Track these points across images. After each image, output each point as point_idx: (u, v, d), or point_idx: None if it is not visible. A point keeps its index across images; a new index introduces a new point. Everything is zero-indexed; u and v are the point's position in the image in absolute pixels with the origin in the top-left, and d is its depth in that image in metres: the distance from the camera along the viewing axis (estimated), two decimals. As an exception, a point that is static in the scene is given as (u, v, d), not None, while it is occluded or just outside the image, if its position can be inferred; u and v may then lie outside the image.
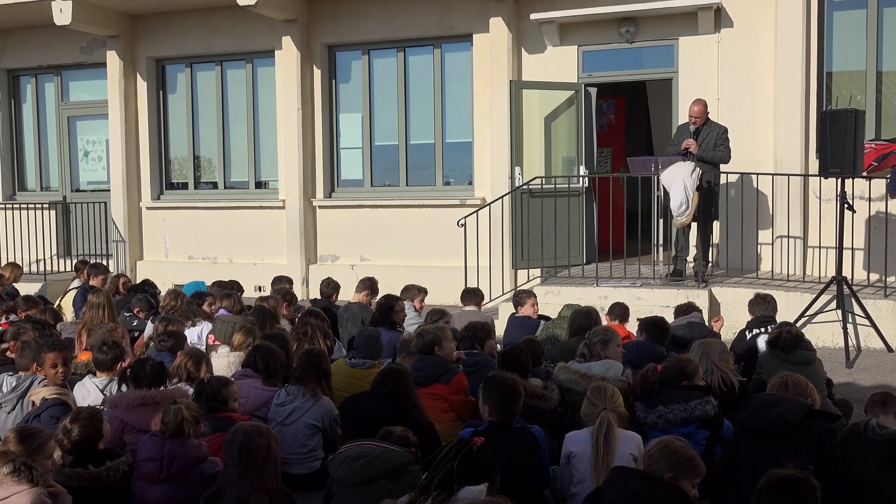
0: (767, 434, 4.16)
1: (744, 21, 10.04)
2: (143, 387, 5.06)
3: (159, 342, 6.33)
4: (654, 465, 3.68)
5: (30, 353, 5.68)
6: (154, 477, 4.26)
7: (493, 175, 10.98)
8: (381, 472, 4.07)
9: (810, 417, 4.21)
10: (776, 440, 4.14)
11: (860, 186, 8.94)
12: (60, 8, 11.72)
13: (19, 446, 3.99)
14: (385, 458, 4.11)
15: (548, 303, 8.80)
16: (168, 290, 8.64)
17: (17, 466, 3.69)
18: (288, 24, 11.76)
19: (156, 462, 4.27)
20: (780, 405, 4.22)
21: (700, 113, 8.97)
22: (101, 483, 4.21)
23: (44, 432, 4.20)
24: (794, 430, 4.14)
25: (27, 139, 14.25)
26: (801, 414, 4.18)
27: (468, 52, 11.39)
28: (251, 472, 3.95)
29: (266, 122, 12.58)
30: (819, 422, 4.23)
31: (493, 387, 4.48)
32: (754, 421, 4.23)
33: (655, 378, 4.86)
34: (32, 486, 3.68)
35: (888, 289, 8.52)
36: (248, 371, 5.68)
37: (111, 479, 4.23)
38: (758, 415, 4.23)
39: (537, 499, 4.39)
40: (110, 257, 13.05)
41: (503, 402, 4.42)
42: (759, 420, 4.20)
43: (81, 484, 4.18)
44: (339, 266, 11.97)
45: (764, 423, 4.17)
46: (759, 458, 4.18)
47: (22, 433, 4.12)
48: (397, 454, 4.15)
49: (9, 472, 3.67)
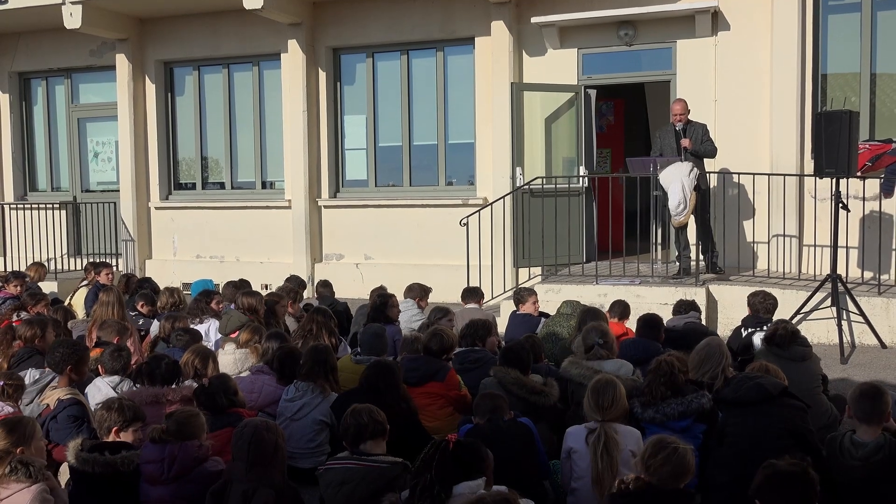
0: (747, 404, 4.33)
1: (740, 24, 10.11)
2: (156, 384, 5.11)
3: (176, 338, 6.43)
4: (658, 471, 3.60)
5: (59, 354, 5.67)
6: (156, 478, 4.24)
7: (495, 175, 11.06)
8: (369, 494, 4.02)
9: (786, 395, 4.41)
10: (756, 409, 4.32)
11: (854, 186, 9.02)
12: (70, 12, 11.85)
13: (8, 438, 3.96)
14: (370, 479, 4.06)
15: (548, 300, 8.88)
16: (164, 288, 8.68)
17: (14, 466, 3.70)
18: (293, 28, 11.87)
19: (156, 464, 4.24)
20: (760, 379, 4.46)
21: (683, 110, 9.19)
22: (115, 471, 4.19)
23: (28, 419, 4.22)
24: (773, 400, 4.32)
25: (38, 141, 14.39)
26: (779, 388, 4.39)
27: (470, 55, 11.49)
28: (259, 466, 3.95)
29: (272, 123, 12.68)
30: (793, 400, 4.41)
31: (481, 399, 4.68)
32: (736, 391, 4.42)
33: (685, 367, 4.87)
34: (32, 482, 3.70)
35: (882, 286, 8.58)
36: (263, 367, 5.74)
37: (125, 468, 4.21)
38: (739, 386, 4.44)
39: (537, 490, 4.39)
40: (119, 256, 13.18)
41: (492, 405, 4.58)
42: (740, 390, 4.39)
43: (96, 469, 4.16)
44: (343, 265, 12.11)
45: (744, 392, 4.37)
46: (740, 428, 4.33)
47: (7, 424, 4.07)
48: (384, 471, 4.09)
49: (7, 473, 3.69)
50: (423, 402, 5.36)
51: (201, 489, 4.16)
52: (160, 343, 6.95)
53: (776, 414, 4.30)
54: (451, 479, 3.45)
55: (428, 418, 5.31)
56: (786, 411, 4.33)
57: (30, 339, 6.41)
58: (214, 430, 4.66)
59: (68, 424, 4.91)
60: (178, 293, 8.27)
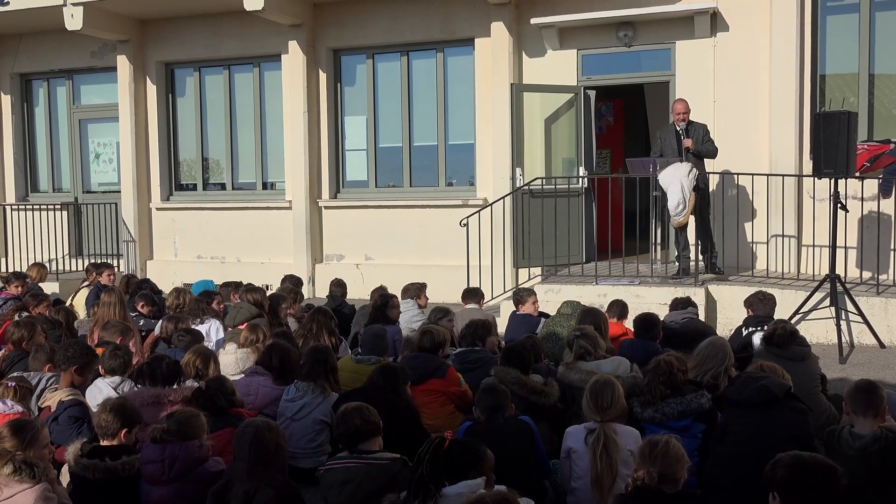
0: (753, 405, 4.31)
1: (739, 25, 10.14)
2: (158, 384, 5.10)
3: (178, 338, 6.46)
4: (647, 468, 3.61)
5: (43, 356, 5.71)
6: (157, 478, 4.23)
7: (495, 176, 11.10)
8: (371, 492, 4.04)
9: (790, 398, 4.39)
10: (760, 411, 4.29)
11: (853, 186, 9.04)
12: (72, 13, 11.90)
13: (13, 440, 3.94)
14: (371, 478, 4.07)
15: (548, 301, 8.90)
16: (172, 289, 8.67)
17: (18, 466, 3.70)
18: (294, 29, 11.92)
19: (157, 464, 4.24)
20: (765, 380, 4.41)
21: (685, 109, 9.22)
22: (116, 477, 4.18)
23: (35, 422, 4.15)
24: (778, 402, 4.30)
25: (40, 142, 14.44)
26: (784, 390, 4.37)
27: (470, 56, 11.53)
28: (260, 466, 3.96)
29: (273, 124, 12.72)
30: (797, 403, 4.40)
31: (483, 393, 4.70)
32: (741, 392, 4.38)
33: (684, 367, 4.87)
34: (35, 482, 3.69)
35: (880, 286, 8.61)
36: (258, 368, 5.73)
37: (126, 473, 4.20)
38: (744, 387, 4.40)
39: (537, 489, 4.40)
40: (121, 257, 13.22)
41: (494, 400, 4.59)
42: (746, 391, 4.36)
43: (97, 475, 4.16)
44: (344, 265, 12.14)
45: (749, 393, 4.33)
46: (743, 429, 4.31)
47: (14, 426, 4.05)
48: (385, 468, 4.11)
49: (10, 473, 3.68)
50: (425, 400, 5.37)
51: (202, 489, 4.17)
52: (160, 344, 6.95)
53: (780, 417, 4.29)
54: (444, 477, 3.44)
55: (429, 416, 5.31)
56: (789, 414, 4.32)
57: (17, 342, 6.38)
58: (215, 431, 4.65)
59: (69, 425, 4.88)
60: (184, 295, 8.22)
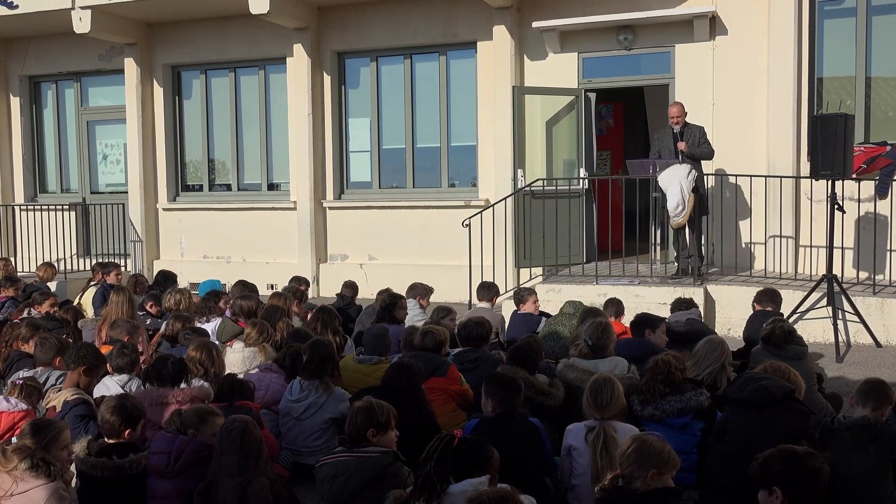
0: (751, 405, 4.33)
1: (738, 29, 10.20)
2: (165, 384, 5.08)
3: (184, 337, 6.50)
4: (632, 466, 3.61)
5: (51, 349, 5.73)
6: (161, 470, 4.25)
7: (497, 177, 11.17)
8: (361, 484, 4.07)
9: (790, 399, 4.41)
10: (758, 411, 4.30)
11: (850, 188, 9.09)
12: (80, 17, 12.00)
13: (34, 439, 3.96)
14: (361, 470, 4.10)
15: (549, 300, 8.97)
16: (172, 289, 8.60)
17: (35, 462, 3.73)
18: (299, 32, 12.00)
19: (163, 455, 4.27)
20: (765, 380, 4.44)
21: (680, 113, 9.29)
22: (124, 474, 4.20)
23: (57, 423, 4.17)
24: (777, 403, 4.33)
25: (48, 143, 14.55)
26: (784, 391, 4.39)
27: (472, 59, 11.61)
28: (252, 458, 4.02)
29: (278, 126, 12.81)
30: (797, 405, 4.42)
31: (496, 383, 4.61)
32: (740, 391, 4.41)
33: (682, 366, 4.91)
34: (50, 480, 3.73)
35: (877, 286, 8.66)
36: (272, 365, 5.79)
37: (133, 471, 4.22)
38: (744, 386, 4.43)
39: (539, 486, 4.40)
40: (128, 257, 13.32)
41: (507, 395, 4.52)
42: (745, 390, 4.38)
43: (105, 473, 4.18)
44: (348, 265, 12.24)
45: (749, 393, 4.35)
46: (741, 428, 4.34)
47: (35, 426, 4.08)
48: (374, 460, 4.12)
49: (27, 468, 3.72)
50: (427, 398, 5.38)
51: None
52: (164, 342, 6.94)
53: (778, 418, 4.28)
54: (451, 475, 3.48)
55: (431, 414, 5.37)
56: (788, 416, 4.32)
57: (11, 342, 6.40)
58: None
59: (76, 424, 4.86)
60: (185, 294, 8.20)
